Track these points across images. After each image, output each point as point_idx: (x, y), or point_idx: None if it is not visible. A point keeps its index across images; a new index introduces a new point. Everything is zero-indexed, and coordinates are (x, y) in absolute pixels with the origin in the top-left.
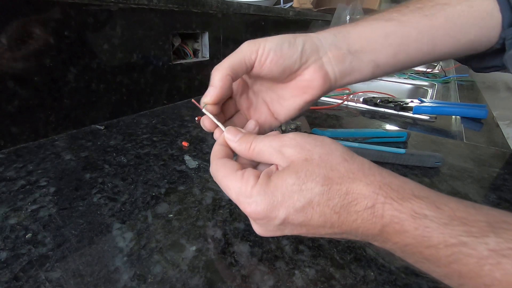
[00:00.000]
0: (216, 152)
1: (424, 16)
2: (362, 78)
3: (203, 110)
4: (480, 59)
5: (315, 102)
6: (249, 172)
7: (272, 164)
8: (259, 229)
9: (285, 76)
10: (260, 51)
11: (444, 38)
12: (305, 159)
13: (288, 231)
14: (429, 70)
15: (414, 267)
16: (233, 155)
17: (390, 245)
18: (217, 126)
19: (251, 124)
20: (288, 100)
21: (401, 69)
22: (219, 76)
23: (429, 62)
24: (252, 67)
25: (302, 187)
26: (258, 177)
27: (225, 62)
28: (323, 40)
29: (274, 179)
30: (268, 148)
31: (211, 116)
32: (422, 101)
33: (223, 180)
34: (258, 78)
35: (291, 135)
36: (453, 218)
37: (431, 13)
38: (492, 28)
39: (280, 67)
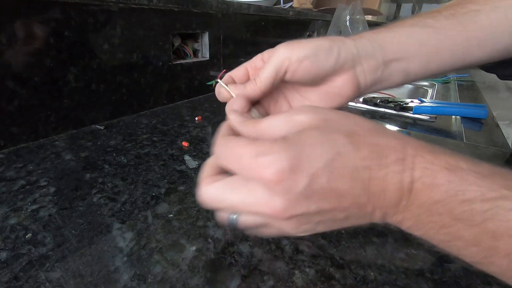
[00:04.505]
0: (224, 131)
1: (458, 24)
2: (391, 86)
3: (219, 81)
4: (505, 66)
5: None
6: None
7: None
8: (280, 203)
9: (315, 82)
10: (294, 58)
11: (477, 46)
12: (323, 119)
13: (314, 205)
14: None
15: (436, 247)
16: None
17: (413, 212)
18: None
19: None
20: (313, 103)
21: (430, 77)
22: (266, 77)
23: (458, 69)
24: (285, 73)
25: (326, 138)
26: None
27: (267, 69)
28: (360, 48)
29: (292, 136)
30: (277, 121)
31: (224, 85)
32: (422, 101)
33: (233, 150)
34: (287, 81)
35: (302, 106)
36: (493, 173)
37: (464, 20)
38: None
39: (313, 74)
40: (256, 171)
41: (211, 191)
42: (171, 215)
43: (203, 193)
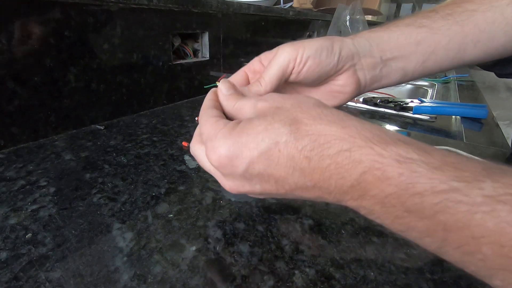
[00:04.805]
0: (207, 102)
1: (455, 23)
2: (390, 84)
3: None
4: (503, 65)
5: (342, 106)
6: (224, 120)
7: None
8: (226, 183)
9: (318, 81)
10: (298, 59)
11: (473, 45)
12: (276, 107)
13: (257, 186)
14: None
15: (394, 233)
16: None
17: (366, 201)
18: None
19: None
20: None
21: (427, 75)
22: (272, 77)
23: (456, 67)
24: (290, 75)
25: (268, 127)
26: None
27: (272, 69)
28: (358, 46)
29: (242, 123)
30: (246, 103)
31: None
32: (422, 101)
33: (203, 124)
34: (289, 82)
35: (270, 93)
36: (445, 163)
37: (461, 19)
38: None
39: (316, 74)
40: (207, 152)
41: (195, 152)
42: (171, 215)
43: (191, 148)
